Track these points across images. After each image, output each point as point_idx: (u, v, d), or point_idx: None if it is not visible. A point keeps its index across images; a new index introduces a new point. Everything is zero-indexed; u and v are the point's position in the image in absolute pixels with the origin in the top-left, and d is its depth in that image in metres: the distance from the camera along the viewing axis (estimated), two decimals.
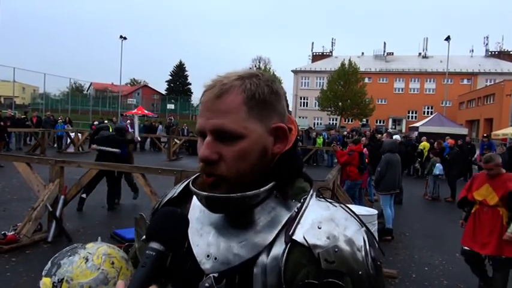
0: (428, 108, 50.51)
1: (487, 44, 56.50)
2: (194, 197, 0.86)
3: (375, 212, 5.54)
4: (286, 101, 0.86)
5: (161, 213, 0.83)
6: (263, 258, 0.74)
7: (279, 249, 0.74)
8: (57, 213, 5.60)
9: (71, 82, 47.32)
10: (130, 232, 5.67)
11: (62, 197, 5.70)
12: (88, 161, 7.18)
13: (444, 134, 16.80)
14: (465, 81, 50.86)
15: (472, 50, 56.38)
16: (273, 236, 0.76)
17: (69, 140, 18.37)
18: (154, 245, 0.77)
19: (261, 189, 0.77)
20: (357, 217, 0.80)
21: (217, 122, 0.76)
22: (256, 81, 0.79)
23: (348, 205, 0.83)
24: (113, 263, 1.08)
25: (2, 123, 12.47)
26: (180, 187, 0.95)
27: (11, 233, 5.15)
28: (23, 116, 19.18)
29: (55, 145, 18.94)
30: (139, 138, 11.88)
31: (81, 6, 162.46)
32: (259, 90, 0.78)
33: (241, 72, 0.81)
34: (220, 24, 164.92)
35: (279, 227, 0.77)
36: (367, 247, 0.75)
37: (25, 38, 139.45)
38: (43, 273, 1.04)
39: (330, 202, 0.81)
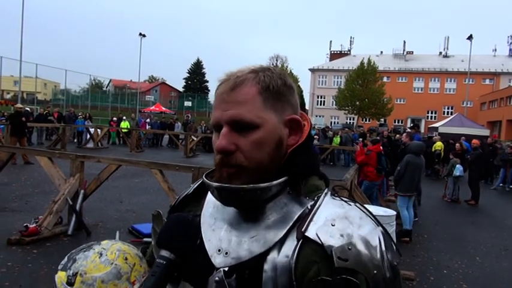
0: (448, 108, 49.50)
1: (511, 43, 54.94)
2: (208, 193, 0.86)
3: (393, 212, 5.47)
4: (302, 98, 0.86)
5: (171, 220, 0.83)
6: (274, 254, 0.74)
7: (290, 245, 0.73)
8: (77, 207, 5.71)
9: (91, 78, 48.43)
10: (148, 227, 5.74)
11: (82, 191, 5.81)
12: (107, 156, 7.29)
13: (465, 135, 16.42)
14: (487, 81, 49.60)
15: (495, 49, 54.98)
16: (284, 231, 0.75)
17: (88, 136, 18.77)
18: (164, 253, 0.77)
19: (273, 182, 0.77)
20: (373, 217, 0.78)
21: (234, 113, 0.76)
22: (270, 74, 0.81)
23: (364, 204, 0.81)
24: (126, 259, 1.09)
25: (23, 119, 12.60)
26: (195, 184, 0.96)
27: (33, 225, 5.26)
28: (45, 112, 19.59)
29: (75, 140, 19.35)
30: None
31: (102, 3, 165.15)
32: (273, 82, 0.79)
33: (253, 67, 0.83)
34: (238, 22, 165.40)
35: (291, 223, 0.76)
36: (383, 247, 0.73)
37: (47, 34, 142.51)
38: (59, 267, 1.06)
39: (345, 201, 0.80)
